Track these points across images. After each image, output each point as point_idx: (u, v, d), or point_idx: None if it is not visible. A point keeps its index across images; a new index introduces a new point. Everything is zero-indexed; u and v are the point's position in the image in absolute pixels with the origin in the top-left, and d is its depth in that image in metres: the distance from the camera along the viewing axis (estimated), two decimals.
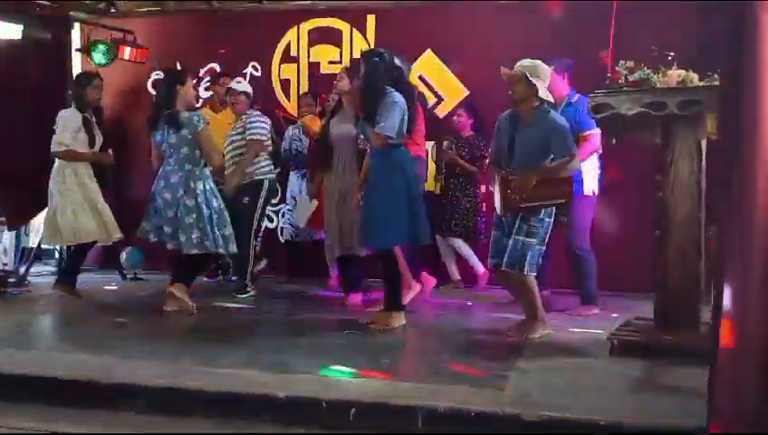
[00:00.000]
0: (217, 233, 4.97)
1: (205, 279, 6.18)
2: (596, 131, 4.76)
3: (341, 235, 5.09)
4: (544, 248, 4.39)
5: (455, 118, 6.39)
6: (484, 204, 6.31)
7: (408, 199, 4.44)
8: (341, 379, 3.31)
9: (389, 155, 4.47)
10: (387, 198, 4.41)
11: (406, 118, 4.47)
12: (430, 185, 6.53)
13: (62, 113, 5.55)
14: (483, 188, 6.35)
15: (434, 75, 6.70)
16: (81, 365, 3.52)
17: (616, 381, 3.36)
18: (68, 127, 5.47)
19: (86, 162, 5.57)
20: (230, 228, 5.08)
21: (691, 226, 3.84)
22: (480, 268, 6.17)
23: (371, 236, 4.50)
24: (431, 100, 6.64)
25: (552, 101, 4.47)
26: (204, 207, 4.92)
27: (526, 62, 4.30)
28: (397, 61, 4.64)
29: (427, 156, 6.53)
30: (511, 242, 4.25)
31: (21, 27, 6.35)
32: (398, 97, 4.44)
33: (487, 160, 5.46)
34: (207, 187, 5.00)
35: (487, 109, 6.04)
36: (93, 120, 5.69)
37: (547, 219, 4.29)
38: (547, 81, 4.32)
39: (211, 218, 4.95)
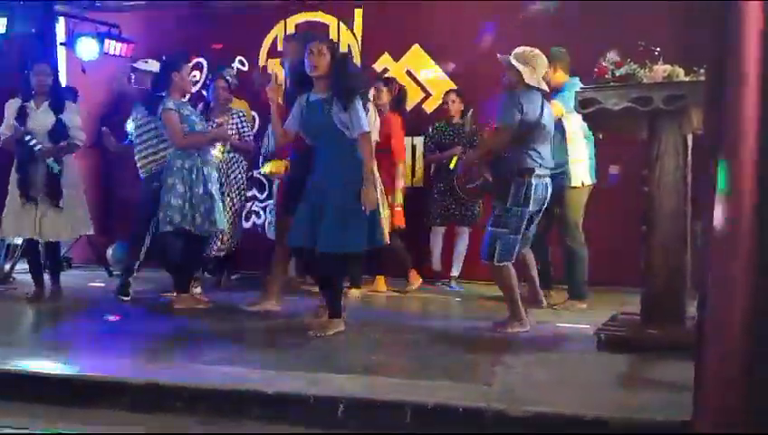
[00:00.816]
0: (192, 212, 4.93)
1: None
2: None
3: None
4: (519, 237, 4.30)
5: (446, 104, 6.22)
6: None
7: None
8: (329, 375, 3.30)
9: None
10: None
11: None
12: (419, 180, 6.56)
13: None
14: None
15: (421, 70, 6.69)
16: (65, 362, 3.50)
17: (602, 375, 3.38)
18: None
19: None
20: (214, 211, 5.04)
21: (677, 220, 3.86)
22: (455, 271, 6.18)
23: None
24: (419, 95, 6.64)
25: (546, 89, 4.47)
26: (179, 185, 4.91)
27: (519, 49, 4.36)
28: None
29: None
30: (485, 233, 4.36)
31: (4, 21, 6.28)
32: None
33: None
34: (186, 165, 4.95)
35: (473, 103, 6.07)
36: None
37: (515, 208, 4.23)
38: (540, 69, 4.33)
39: (185, 196, 4.92)
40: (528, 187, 4.23)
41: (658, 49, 3.99)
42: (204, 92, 6.78)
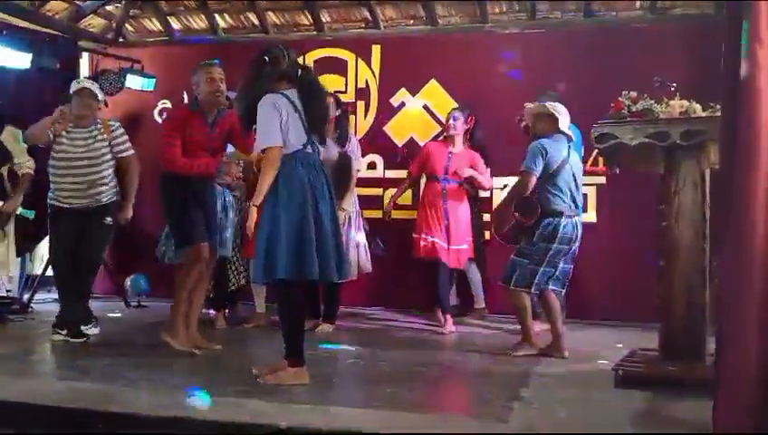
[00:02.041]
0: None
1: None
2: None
3: None
4: (548, 270, 4.56)
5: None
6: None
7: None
8: (344, 409, 3.28)
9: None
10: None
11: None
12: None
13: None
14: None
15: (438, 105, 6.74)
16: (81, 394, 3.50)
17: (620, 413, 3.33)
18: None
19: None
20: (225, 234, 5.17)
21: (695, 255, 3.83)
22: (480, 302, 6.17)
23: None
24: (434, 130, 6.68)
25: (571, 134, 4.72)
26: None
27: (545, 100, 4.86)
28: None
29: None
30: (508, 261, 4.69)
31: (30, 56, 6.43)
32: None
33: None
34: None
35: (491, 140, 6.09)
36: None
37: (542, 244, 4.54)
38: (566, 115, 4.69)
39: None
40: (556, 226, 4.51)
41: (674, 84, 4.01)
42: None
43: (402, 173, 6.43)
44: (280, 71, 3.82)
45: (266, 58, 3.86)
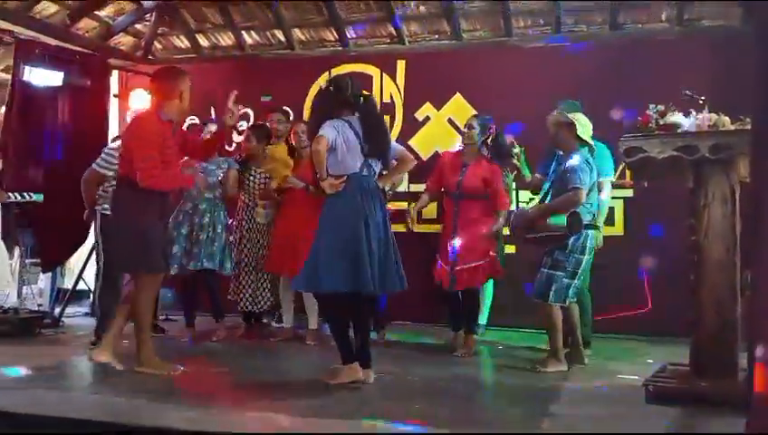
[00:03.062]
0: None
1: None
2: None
3: None
4: (577, 283, 4.63)
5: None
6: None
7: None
8: (376, 424, 3.28)
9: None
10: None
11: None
12: None
13: None
14: None
15: (463, 119, 6.72)
16: (111, 407, 3.54)
17: (651, 429, 3.30)
18: None
19: None
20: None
21: (726, 270, 3.79)
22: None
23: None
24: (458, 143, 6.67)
25: (592, 144, 4.74)
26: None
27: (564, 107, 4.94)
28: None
29: None
30: (538, 274, 4.63)
31: (62, 75, 6.56)
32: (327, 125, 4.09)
33: None
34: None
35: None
36: None
37: (578, 255, 4.54)
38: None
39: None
40: (587, 237, 4.58)
41: (703, 98, 3.98)
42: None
43: None
44: (343, 99, 4.16)
45: (331, 88, 4.22)
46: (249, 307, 5.86)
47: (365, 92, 4.32)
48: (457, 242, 5.22)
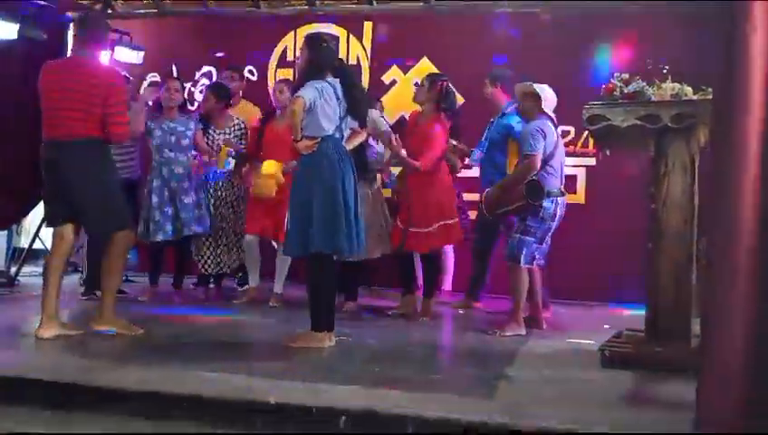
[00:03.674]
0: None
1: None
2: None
3: None
4: (545, 247, 4.79)
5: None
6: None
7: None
8: (331, 386, 3.29)
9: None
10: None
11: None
12: None
13: None
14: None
15: None
16: (66, 368, 3.49)
17: (605, 392, 3.36)
18: None
19: None
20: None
21: (683, 238, 3.84)
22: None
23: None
24: None
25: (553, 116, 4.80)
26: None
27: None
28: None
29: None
30: (510, 239, 4.80)
31: (17, 27, 6.33)
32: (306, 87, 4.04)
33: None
34: None
35: (483, 117, 6.03)
36: None
37: (549, 222, 4.68)
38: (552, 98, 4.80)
39: None
40: (557, 205, 4.67)
41: (667, 67, 3.99)
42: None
43: None
44: (332, 58, 4.19)
45: (325, 44, 4.21)
46: (211, 269, 5.81)
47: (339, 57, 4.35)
48: (412, 203, 5.13)
